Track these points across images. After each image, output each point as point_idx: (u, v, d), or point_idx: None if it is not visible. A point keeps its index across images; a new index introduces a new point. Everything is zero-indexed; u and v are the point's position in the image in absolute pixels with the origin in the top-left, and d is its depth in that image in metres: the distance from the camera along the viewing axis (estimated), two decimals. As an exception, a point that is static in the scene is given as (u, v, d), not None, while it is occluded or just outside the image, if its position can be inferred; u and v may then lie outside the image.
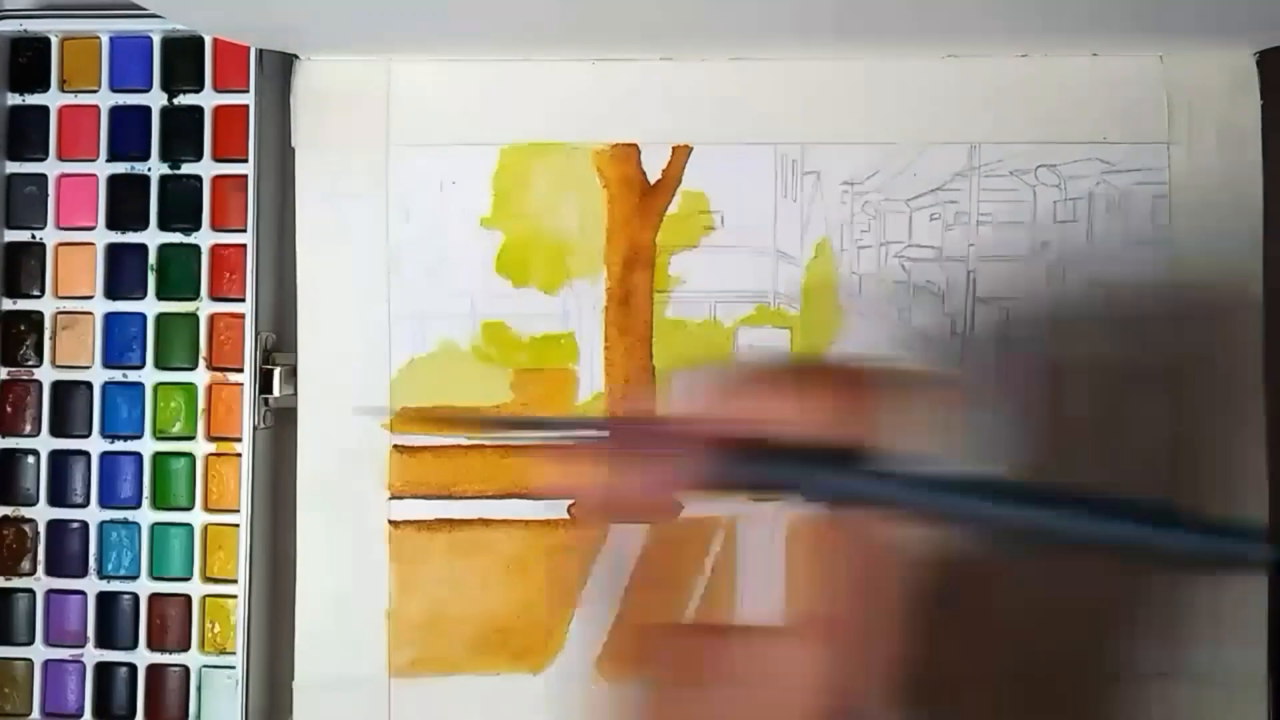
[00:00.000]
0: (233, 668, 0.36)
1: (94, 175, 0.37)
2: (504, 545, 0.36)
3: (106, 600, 0.37)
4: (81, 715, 0.36)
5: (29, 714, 0.37)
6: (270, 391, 0.36)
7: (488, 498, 0.36)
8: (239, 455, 0.36)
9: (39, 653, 0.37)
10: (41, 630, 0.37)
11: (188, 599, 0.36)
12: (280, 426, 0.37)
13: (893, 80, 0.36)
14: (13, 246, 0.38)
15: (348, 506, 0.36)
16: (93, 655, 0.36)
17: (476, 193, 0.37)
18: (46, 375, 0.37)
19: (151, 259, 0.37)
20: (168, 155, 0.37)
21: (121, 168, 0.37)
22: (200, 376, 0.37)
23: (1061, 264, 0.36)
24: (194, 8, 0.32)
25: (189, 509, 0.37)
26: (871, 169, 0.36)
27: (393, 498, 0.36)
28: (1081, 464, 0.36)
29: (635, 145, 0.37)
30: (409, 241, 0.37)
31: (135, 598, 0.36)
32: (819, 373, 0.25)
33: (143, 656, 0.36)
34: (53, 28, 0.37)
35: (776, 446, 0.23)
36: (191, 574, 0.36)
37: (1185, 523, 0.21)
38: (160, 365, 0.37)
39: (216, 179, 0.37)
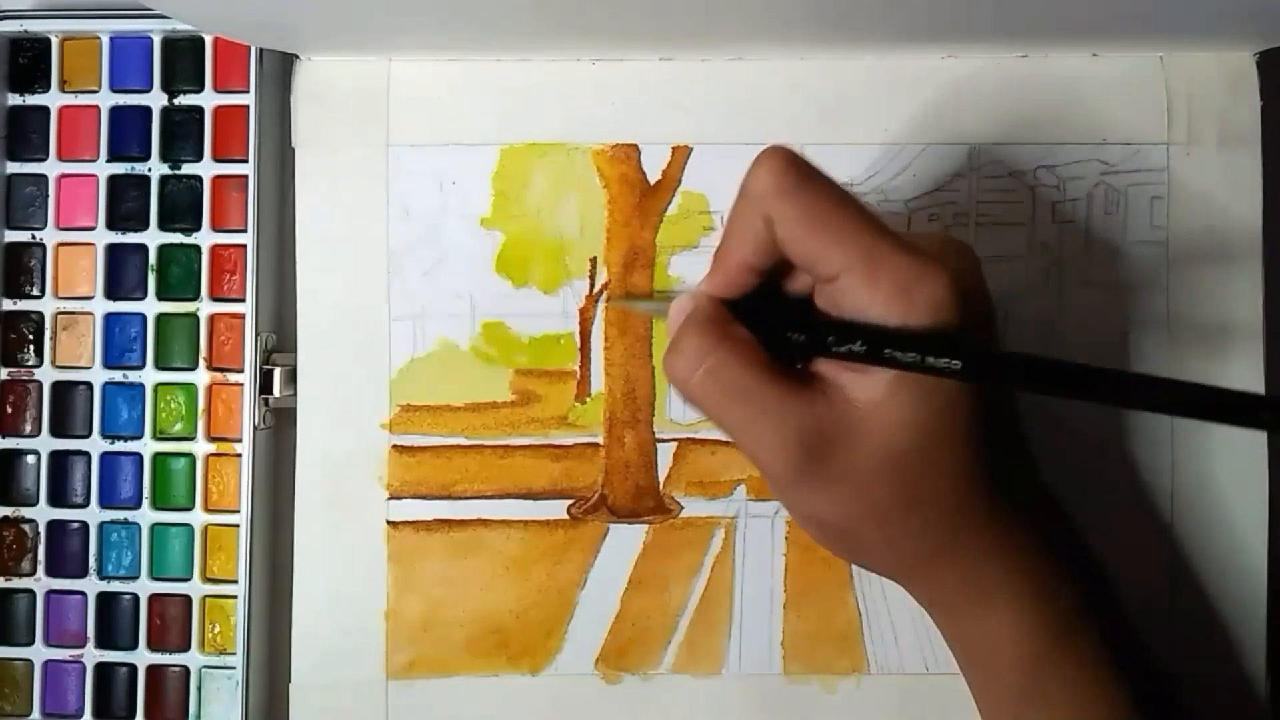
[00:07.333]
0: (233, 668, 0.36)
1: (94, 175, 0.37)
2: (503, 545, 0.36)
3: (106, 600, 0.37)
4: (81, 715, 0.36)
5: (29, 714, 0.37)
6: (270, 391, 0.36)
7: (487, 498, 0.36)
8: (239, 455, 0.36)
9: (39, 653, 0.37)
10: (41, 630, 0.37)
11: (188, 599, 0.36)
12: (280, 426, 0.37)
13: (893, 80, 0.36)
14: (13, 246, 0.38)
15: (346, 507, 0.36)
16: (93, 655, 0.37)
17: (476, 193, 0.37)
18: (46, 375, 0.37)
19: (151, 259, 0.37)
20: (168, 155, 0.37)
21: (121, 168, 0.37)
22: (200, 377, 0.37)
23: (1060, 264, 0.36)
24: (194, 7, 0.32)
25: (189, 509, 0.37)
26: (871, 169, 0.36)
27: (391, 498, 0.36)
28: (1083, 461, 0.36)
29: (635, 145, 0.37)
30: (409, 241, 0.37)
31: (135, 598, 0.37)
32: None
33: (143, 657, 0.36)
34: (53, 28, 0.37)
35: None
36: (191, 574, 0.37)
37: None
38: (160, 366, 0.37)
39: (216, 179, 0.37)
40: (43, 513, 0.37)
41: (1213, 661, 0.35)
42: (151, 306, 0.37)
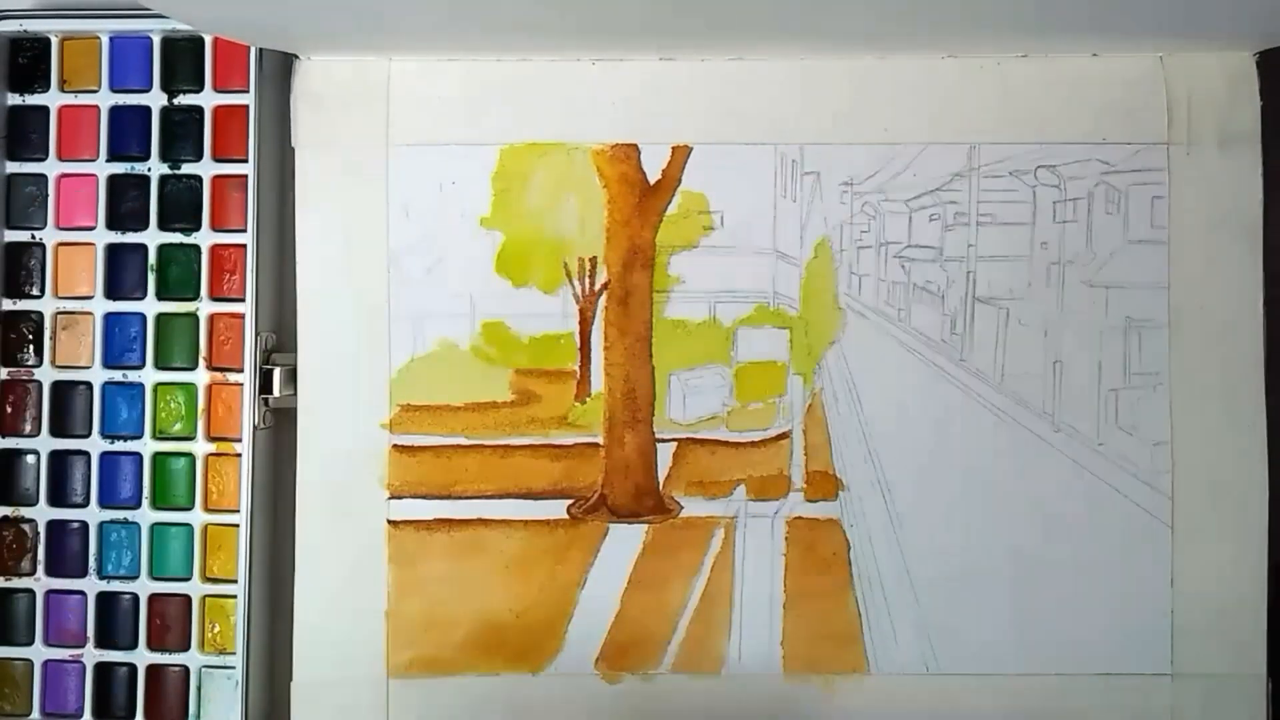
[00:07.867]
0: (233, 668, 0.36)
1: (94, 175, 0.37)
2: (503, 545, 0.36)
3: (106, 600, 0.37)
4: (81, 715, 0.36)
5: (29, 714, 0.37)
6: (270, 391, 0.36)
7: (487, 498, 0.36)
8: (239, 455, 0.36)
9: (39, 653, 0.37)
10: (41, 630, 0.37)
11: (188, 599, 0.36)
12: (280, 426, 0.37)
13: (893, 80, 0.36)
14: (13, 246, 0.38)
15: (347, 507, 0.36)
16: (93, 655, 0.37)
17: (476, 193, 0.37)
18: (46, 375, 0.37)
19: (151, 259, 0.37)
20: (168, 155, 0.37)
21: (121, 168, 0.37)
22: (200, 376, 0.37)
23: (1060, 264, 0.36)
24: (194, 7, 0.32)
25: (189, 509, 0.37)
26: (871, 169, 0.36)
27: (392, 498, 0.36)
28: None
29: (635, 145, 0.37)
30: (409, 241, 0.37)
31: (135, 598, 0.37)
32: None
33: (143, 656, 0.36)
34: (53, 28, 0.37)
35: None
36: (191, 574, 0.37)
37: None
38: (160, 365, 0.37)
39: (216, 179, 0.37)
40: (43, 513, 0.37)
41: (1212, 662, 0.35)
42: (151, 306, 0.37)
